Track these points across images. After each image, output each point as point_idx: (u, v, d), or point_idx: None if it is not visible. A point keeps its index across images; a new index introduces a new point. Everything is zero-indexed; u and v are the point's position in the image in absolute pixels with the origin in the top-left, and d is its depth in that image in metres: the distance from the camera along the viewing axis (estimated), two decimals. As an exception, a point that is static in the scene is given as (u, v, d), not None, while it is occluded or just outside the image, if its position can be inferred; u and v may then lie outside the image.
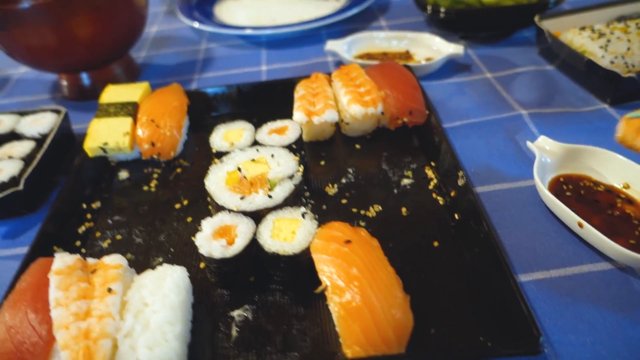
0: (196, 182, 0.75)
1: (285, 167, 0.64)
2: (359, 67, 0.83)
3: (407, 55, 0.99)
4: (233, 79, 1.00)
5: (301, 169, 0.64)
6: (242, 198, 0.60)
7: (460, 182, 0.64)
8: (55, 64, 0.91)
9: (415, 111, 0.76)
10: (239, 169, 0.65)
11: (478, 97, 0.86)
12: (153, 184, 0.75)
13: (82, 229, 0.68)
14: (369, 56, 1.00)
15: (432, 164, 0.72)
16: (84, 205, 0.71)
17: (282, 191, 0.61)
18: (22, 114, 0.83)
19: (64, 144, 0.82)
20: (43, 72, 1.00)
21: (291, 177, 0.63)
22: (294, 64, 1.03)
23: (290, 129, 0.73)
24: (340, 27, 1.16)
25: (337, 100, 0.79)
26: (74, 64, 0.92)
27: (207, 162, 0.78)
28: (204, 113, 0.87)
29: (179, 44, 1.17)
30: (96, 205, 0.72)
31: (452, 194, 0.65)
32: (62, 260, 0.52)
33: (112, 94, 0.82)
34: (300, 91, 0.80)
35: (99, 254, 0.64)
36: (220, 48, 1.13)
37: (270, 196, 0.60)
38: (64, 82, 0.99)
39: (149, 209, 0.71)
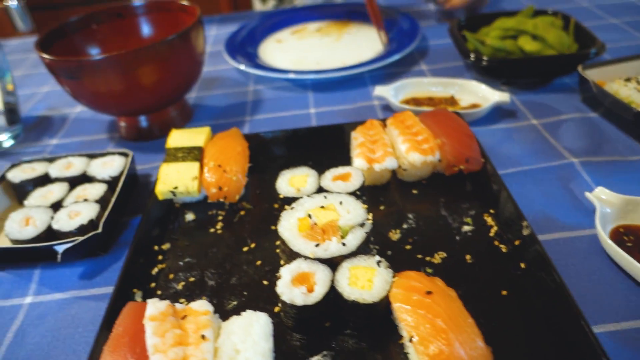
0: (260, 224, 0.78)
1: (354, 215, 0.67)
2: (413, 115, 0.87)
3: (452, 101, 1.03)
4: (284, 122, 1.04)
5: (370, 217, 0.67)
6: (317, 245, 0.63)
7: (525, 231, 0.66)
8: (117, 109, 0.96)
9: (471, 159, 0.79)
10: (310, 216, 0.68)
11: (527, 144, 0.89)
12: (219, 225, 0.78)
13: (155, 271, 0.71)
14: (415, 101, 1.04)
15: (491, 211, 0.74)
16: (155, 247, 0.74)
17: (354, 239, 0.64)
18: (91, 156, 0.87)
19: (130, 185, 0.85)
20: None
21: (362, 224, 0.65)
22: (341, 107, 1.07)
23: (353, 175, 0.76)
24: (382, 70, 1.20)
25: (394, 147, 0.82)
26: (135, 109, 0.97)
27: (268, 204, 0.81)
28: (261, 155, 0.91)
29: (227, 85, 1.22)
30: (166, 246, 0.75)
31: (516, 242, 0.67)
32: (155, 306, 0.55)
33: (177, 138, 0.86)
34: (359, 138, 0.83)
35: (175, 296, 0.67)
36: (267, 90, 1.18)
37: (344, 244, 0.63)
38: (122, 124, 1.04)
39: (218, 251, 0.73)
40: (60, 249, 0.69)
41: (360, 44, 1.32)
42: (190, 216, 0.80)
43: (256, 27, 1.44)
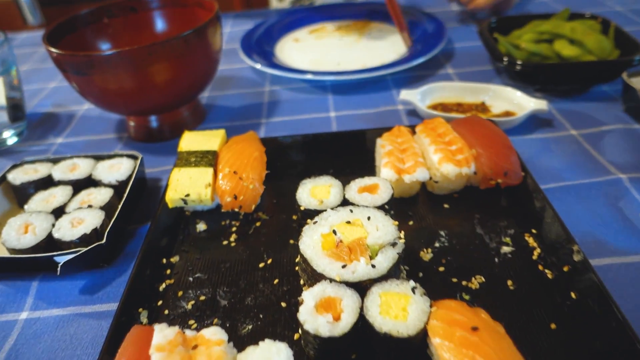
0: (277, 237, 0.71)
1: (384, 232, 0.60)
2: (445, 122, 0.80)
3: (483, 108, 0.96)
4: (303, 125, 0.97)
5: (402, 235, 0.61)
6: (343, 266, 0.57)
7: (576, 257, 0.59)
8: (127, 108, 0.90)
9: (510, 172, 0.72)
10: (335, 232, 0.61)
11: (567, 157, 0.82)
12: (232, 238, 0.72)
13: (162, 287, 0.65)
14: (442, 106, 0.97)
15: (533, 231, 0.67)
16: (164, 260, 0.68)
17: (385, 260, 0.57)
18: (98, 158, 0.81)
19: (139, 190, 0.79)
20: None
21: (393, 244, 0.59)
22: (363, 111, 1.01)
23: (381, 187, 0.69)
24: (406, 73, 1.14)
25: (424, 156, 0.76)
26: (146, 108, 0.91)
27: (286, 215, 0.75)
28: (278, 161, 0.84)
29: (242, 85, 1.16)
30: (175, 259, 0.69)
31: (565, 269, 0.60)
32: (163, 333, 0.49)
33: (190, 141, 0.80)
34: (386, 146, 0.76)
35: (183, 316, 0.60)
36: (284, 91, 1.11)
37: (373, 265, 0.56)
38: (131, 123, 0.98)
39: (231, 267, 0.67)
40: (61, 260, 0.63)
41: (382, 45, 1.26)
42: (201, 226, 0.74)
43: (273, 25, 1.38)
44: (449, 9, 1.50)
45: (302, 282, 0.63)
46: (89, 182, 0.77)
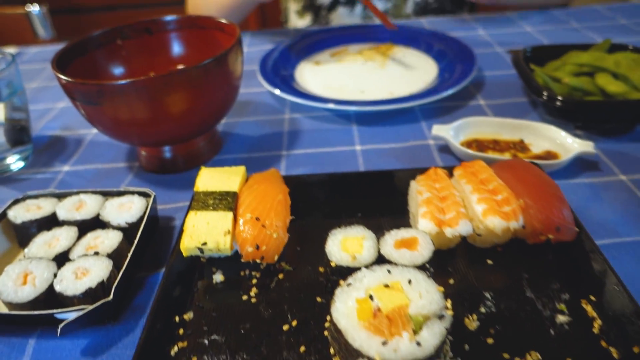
0: (303, 293, 0.64)
1: (429, 301, 0.53)
2: (487, 166, 0.73)
3: (522, 146, 0.89)
4: (327, 159, 0.91)
5: (449, 304, 0.53)
6: (384, 343, 0.49)
7: (651, 338, 0.52)
8: (139, 139, 0.84)
9: (563, 228, 0.65)
10: (371, 297, 0.54)
11: (619, 206, 0.75)
12: (253, 292, 0.65)
13: (174, 350, 0.57)
14: (477, 143, 0.90)
15: (592, 298, 0.60)
16: (176, 318, 0.61)
17: (431, 336, 0.50)
18: (106, 194, 0.75)
19: (150, 232, 0.72)
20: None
21: (441, 317, 0.52)
22: (391, 145, 0.94)
23: (421, 242, 0.62)
24: (435, 103, 1.07)
25: (466, 205, 0.69)
26: (160, 140, 0.84)
27: (312, 267, 0.68)
28: (301, 202, 0.77)
29: (261, 111, 1.10)
30: (189, 316, 0.62)
31: (636, 349, 0.53)
32: None
33: (207, 179, 0.73)
34: (424, 192, 0.69)
35: (198, 389, 0.53)
36: (305, 119, 1.05)
37: (418, 343, 0.49)
38: (143, 153, 0.92)
39: (252, 328, 0.60)
40: (62, 318, 0.56)
41: (408, 71, 1.19)
42: (218, 277, 0.67)
43: (292, 46, 1.33)
44: (475, 32, 1.44)
45: (332, 351, 0.56)
46: (96, 223, 0.70)
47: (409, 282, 0.55)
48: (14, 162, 0.95)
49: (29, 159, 0.98)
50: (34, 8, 1.60)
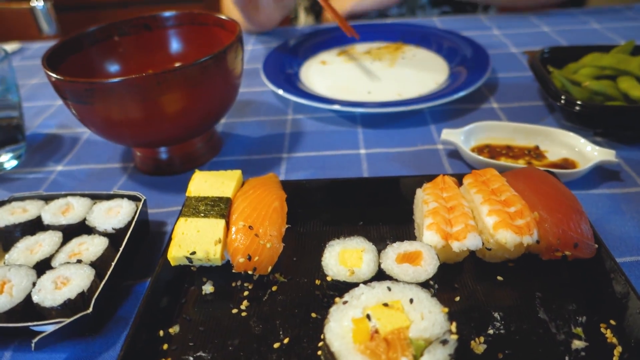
0: (297, 308, 0.60)
1: (431, 323, 0.48)
2: (500, 175, 0.68)
3: (537, 153, 0.83)
4: (329, 163, 0.86)
5: (454, 327, 0.49)
6: (381, 370, 0.45)
7: (679, 372, 0.47)
8: (133, 140, 0.80)
9: (581, 244, 0.59)
10: (369, 317, 0.50)
11: (643, 221, 0.69)
12: (244, 305, 0.60)
13: (157, 367, 0.54)
14: (489, 149, 0.85)
15: (612, 322, 0.55)
16: (161, 332, 0.57)
17: (433, 364, 0.45)
18: (95, 198, 0.71)
19: (139, 238, 0.69)
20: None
21: (444, 341, 0.47)
22: (397, 149, 0.89)
23: (425, 257, 0.58)
24: (445, 105, 1.02)
25: (475, 216, 0.64)
26: (154, 141, 0.81)
27: (307, 279, 0.63)
28: (299, 208, 0.73)
29: (263, 111, 1.06)
30: (174, 330, 0.58)
31: (662, 383, 0.48)
32: None
33: (201, 184, 0.69)
34: (430, 202, 0.65)
35: (179, 413, 0.49)
36: (309, 120, 1.01)
37: (419, 371, 0.45)
38: (138, 154, 0.88)
39: (241, 344, 0.56)
40: (38, 331, 0.52)
41: (418, 72, 1.14)
42: (208, 287, 0.63)
43: (298, 45, 1.28)
44: (489, 32, 1.38)
45: (325, 374, 0.52)
46: (82, 228, 0.66)
47: (411, 301, 0.51)
48: (7, 160, 0.92)
49: (22, 157, 0.95)
50: (39, 3, 1.58)
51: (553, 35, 1.33)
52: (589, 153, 0.79)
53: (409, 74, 1.14)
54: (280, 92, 1.02)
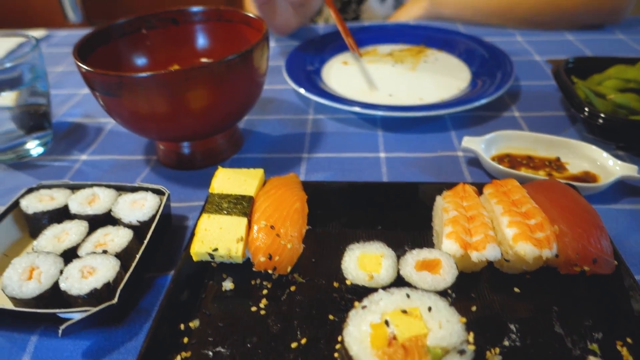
0: (315, 310, 0.61)
1: (449, 332, 0.49)
2: (520, 186, 0.68)
3: (558, 165, 0.83)
4: (349, 165, 0.87)
5: (471, 338, 0.49)
6: (398, 377, 0.46)
7: (696, 394, 0.47)
8: (158, 134, 0.82)
9: (600, 260, 0.60)
10: (387, 323, 0.50)
11: (664, 239, 0.69)
12: (262, 303, 0.61)
13: (177, 360, 0.55)
14: (510, 159, 0.85)
15: (628, 340, 0.55)
16: (182, 326, 0.59)
17: (451, 373, 0.46)
18: (120, 189, 0.73)
19: (162, 231, 0.70)
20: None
21: (461, 351, 0.48)
22: (417, 154, 0.90)
23: (444, 265, 0.58)
24: (467, 112, 1.02)
25: (495, 227, 0.64)
26: (179, 135, 0.82)
27: (326, 281, 0.64)
28: (319, 210, 0.74)
29: (284, 109, 1.07)
30: (194, 324, 0.59)
31: (677, 404, 0.48)
32: None
33: (224, 181, 0.70)
34: (450, 211, 0.65)
35: (198, 406, 0.51)
36: (330, 121, 1.01)
37: (436, 380, 0.45)
38: (161, 147, 0.90)
39: (259, 342, 0.57)
40: (66, 317, 0.54)
41: (440, 76, 1.14)
42: (228, 284, 0.64)
43: (321, 44, 1.29)
44: (512, 39, 1.37)
45: (341, 376, 0.53)
46: (107, 218, 0.68)
47: (429, 309, 0.52)
48: (34, 147, 0.94)
49: (48, 144, 0.97)
50: (66, -9, 1.60)
51: (577, 44, 1.32)
52: (610, 167, 0.78)
53: (431, 78, 1.14)
54: (302, 91, 1.03)
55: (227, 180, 0.71)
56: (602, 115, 0.83)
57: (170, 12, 0.95)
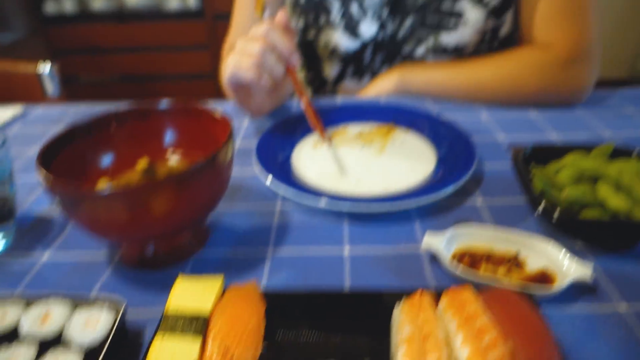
0: None
1: None
2: (475, 297, 0.69)
3: (517, 262, 0.85)
4: (312, 265, 0.87)
5: None
6: None
7: None
8: (118, 238, 0.82)
9: (553, 381, 0.60)
10: None
11: (619, 348, 0.70)
12: None
13: None
14: (470, 256, 0.86)
15: None
16: None
17: None
18: (76, 304, 0.72)
19: (115, 349, 0.69)
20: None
21: None
22: (380, 248, 0.91)
23: (397, 393, 0.58)
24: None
25: (449, 342, 0.64)
26: (142, 238, 0.82)
27: (281, 402, 0.63)
28: (277, 322, 0.73)
29: (252, 198, 1.08)
30: None
31: None
32: None
33: (181, 294, 0.70)
34: (405, 326, 0.65)
35: None
36: (297, 212, 1.02)
37: None
38: (123, 246, 0.89)
39: None
40: None
41: (406, 161, 1.17)
42: (181, 409, 0.63)
43: (292, 125, 1.32)
44: (477, 114, 1.42)
45: None
46: (57, 341, 0.67)
47: None
48: (-5, 243, 0.93)
49: (10, 240, 0.96)
50: (46, 69, 1.63)
51: (541, 122, 1.37)
52: (566, 267, 0.80)
53: (397, 164, 1.16)
54: (269, 181, 1.05)
55: (185, 293, 0.70)
56: (556, 214, 0.85)
57: (141, 108, 0.98)
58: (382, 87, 1.57)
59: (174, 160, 0.98)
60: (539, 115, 1.41)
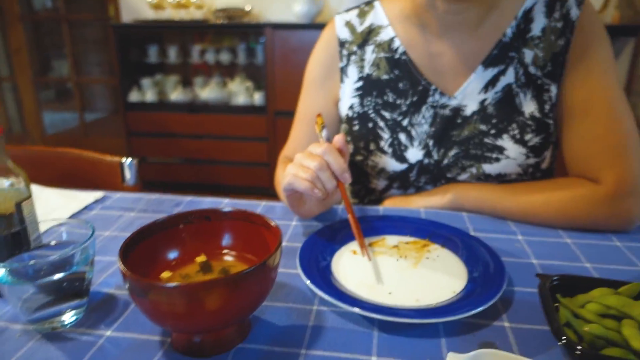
0: None
1: None
2: None
3: (537, 392, 0.88)
4: (341, 370, 0.95)
5: None
6: None
7: None
8: (173, 327, 0.94)
9: None
10: None
11: None
12: None
13: None
14: (492, 380, 0.90)
15: None
16: None
17: None
18: (132, 383, 0.83)
19: None
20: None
21: None
22: (406, 362, 0.97)
23: None
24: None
25: None
26: (193, 330, 0.94)
27: None
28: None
29: (292, 297, 1.18)
30: None
31: None
32: None
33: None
34: None
35: None
36: (332, 315, 1.11)
37: None
38: (174, 334, 1.01)
39: None
40: None
41: (438, 276, 1.25)
42: None
43: (334, 231, 1.44)
44: (513, 237, 1.49)
45: None
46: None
47: None
48: (69, 318, 1.07)
49: (81, 315, 1.10)
50: (128, 160, 1.90)
51: (573, 249, 1.41)
52: (585, 405, 0.83)
53: (430, 277, 1.24)
54: (308, 283, 1.15)
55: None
56: (578, 348, 0.90)
57: (206, 211, 1.14)
58: (436, 202, 1.67)
59: (228, 259, 1.12)
60: (574, 242, 1.46)
